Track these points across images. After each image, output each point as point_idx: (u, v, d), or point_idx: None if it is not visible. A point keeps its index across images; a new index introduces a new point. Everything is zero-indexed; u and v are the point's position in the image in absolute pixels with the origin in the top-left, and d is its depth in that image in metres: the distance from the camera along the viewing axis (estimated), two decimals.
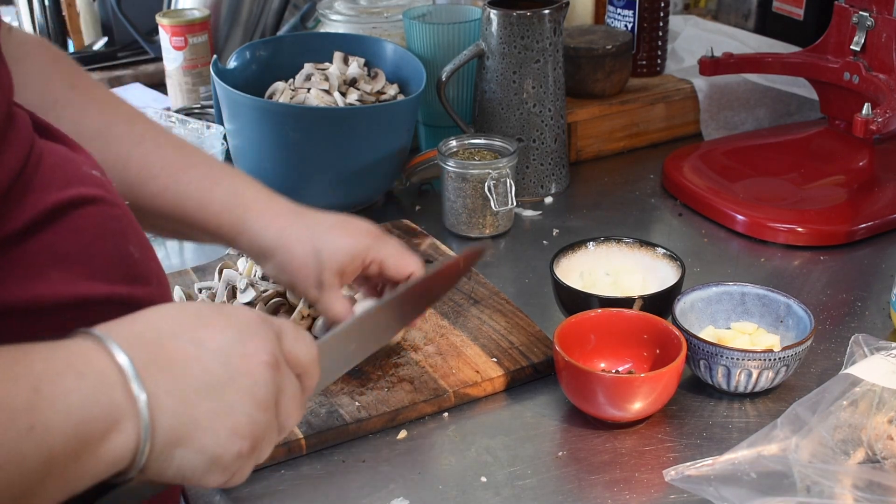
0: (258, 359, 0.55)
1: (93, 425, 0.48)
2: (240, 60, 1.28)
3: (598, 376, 0.82)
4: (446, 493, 0.77)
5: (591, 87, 1.38)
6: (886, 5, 1.19)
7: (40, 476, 0.46)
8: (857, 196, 1.21)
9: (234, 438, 0.53)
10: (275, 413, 0.56)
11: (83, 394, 0.48)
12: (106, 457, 0.49)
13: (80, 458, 0.48)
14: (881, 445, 0.74)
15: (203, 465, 0.52)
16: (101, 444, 0.48)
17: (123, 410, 0.49)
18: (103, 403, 0.48)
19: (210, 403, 0.52)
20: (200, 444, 0.52)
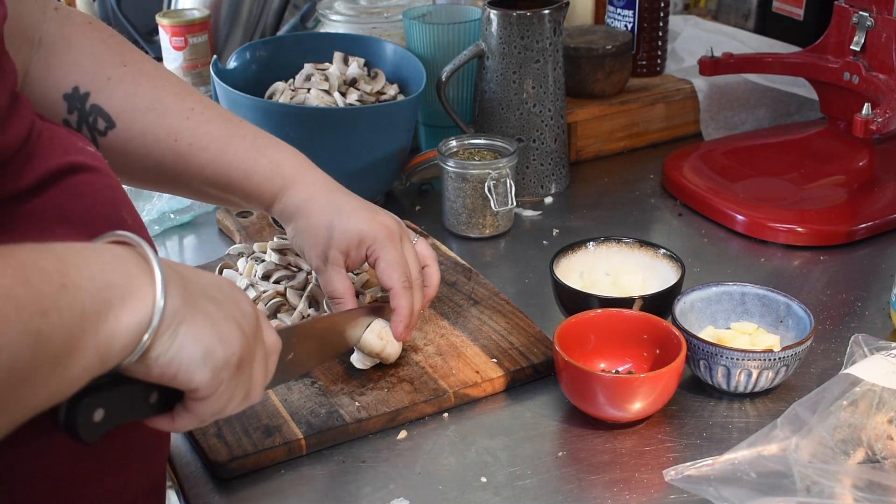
0: (245, 303, 0.63)
1: (114, 289, 0.53)
2: (240, 60, 1.28)
3: (598, 376, 0.82)
4: (446, 494, 0.77)
5: (591, 87, 1.38)
6: (886, 5, 1.19)
7: (75, 331, 0.50)
8: (857, 196, 1.21)
9: (225, 341, 0.58)
10: (251, 360, 0.62)
11: (107, 262, 0.54)
12: (126, 322, 0.53)
13: (107, 320, 0.52)
14: (881, 445, 0.74)
15: (198, 355, 0.57)
16: (123, 307, 0.53)
17: (140, 281, 0.54)
18: (121, 273, 0.54)
19: (211, 307, 0.58)
20: (198, 333, 0.57)
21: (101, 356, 0.53)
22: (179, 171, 0.85)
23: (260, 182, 0.87)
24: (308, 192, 0.88)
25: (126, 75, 0.83)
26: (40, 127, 0.65)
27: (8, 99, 0.62)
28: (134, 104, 0.82)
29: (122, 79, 0.82)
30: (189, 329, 0.56)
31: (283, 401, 0.85)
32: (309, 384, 0.88)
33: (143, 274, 0.55)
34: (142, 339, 0.54)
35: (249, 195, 0.87)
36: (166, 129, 0.83)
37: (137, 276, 0.54)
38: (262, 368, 0.64)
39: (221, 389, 0.59)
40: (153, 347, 0.55)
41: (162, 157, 0.83)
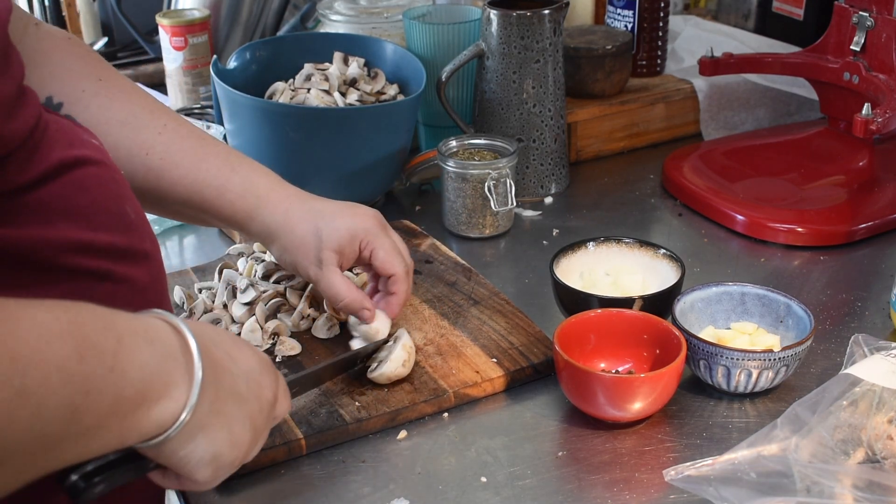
0: (268, 393, 0.66)
1: (153, 385, 0.55)
2: (240, 60, 1.28)
3: (598, 376, 0.82)
4: (446, 493, 0.77)
5: (591, 87, 1.38)
6: (886, 5, 1.19)
7: (107, 414, 0.52)
8: (857, 196, 1.21)
9: (237, 445, 0.62)
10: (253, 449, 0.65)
11: (153, 357, 0.55)
12: (154, 418, 0.55)
13: (138, 411, 0.54)
14: (881, 445, 0.74)
15: (206, 457, 0.60)
16: (155, 404, 0.55)
17: (178, 385, 0.56)
18: (165, 370, 0.56)
19: (232, 408, 0.61)
20: (214, 436, 0.60)
21: (121, 439, 0.55)
22: (151, 186, 0.84)
23: (233, 199, 0.86)
24: (283, 207, 0.88)
25: (101, 89, 0.83)
26: (47, 119, 0.66)
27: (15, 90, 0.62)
28: (108, 117, 0.82)
29: (97, 92, 0.83)
30: (206, 435, 0.59)
31: None
32: None
33: (183, 378, 0.57)
34: (163, 435, 0.56)
35: (223, 213, 0.87)
36: (139, 144, 0.83)
37: (177, 380, 0.57)
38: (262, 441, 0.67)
39: (217, 480, 0.63)
40: (169, 443, 0.57)
41: (134, 171, 0.83)
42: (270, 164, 1.17)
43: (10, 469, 0.49)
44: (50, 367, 0.49)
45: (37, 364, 0.48)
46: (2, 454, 0.47)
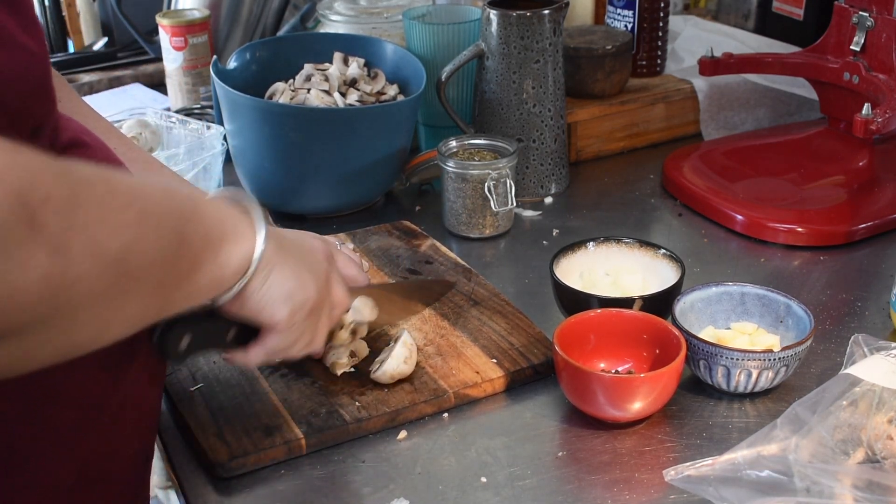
0: (321, 252, 0.80)
1: (228, 227, 0.64)
2: (240, 61, 1.28)
3: (598, 376, 0.82)
4: (446, 494, 0.77)
5: (591, 88, 1.38)
6: (886, 5, 1.19)
7: (202, 247, 0.61)
8: (857, 196, 1.21)
9: (304, 286, 0.71)
10: (320, 308, 0.74)
11: (220, 206, 0.65)
12: (237, 256, 0.64)
13: (223, 249, 0.63)
14: (881, 445, 0.74)
15: (282, 295, 0.69)
16: (234, 244, 0.64)
17: (246, 227, 0.66)
18: (232, 217, 0.65)
19: (294, 258, 0.71)
20: (284, 275, 0.69)
21: (215, 279, 0.63)
22: None
23: None
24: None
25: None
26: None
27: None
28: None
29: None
30: (278, 273, 0.68)
31: (282, 400, 0.85)
32: (309, 384, 0.88)
33: (248, 223, 0.66)
34: (246, 272, 0.65)
35: None
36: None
37: (244, 223, 0.66)
38: (327, 319, 0.76)
39: (294, 328, 0.72)
40: (250, 284, 0.66)
41: None
42: (270, 164, 1.18)
43: (141, 295, 0.55)
44: (155, 198, 0.56)
45: (147, 195, 0.55)
46: (135, 276, 0.53)
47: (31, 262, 0.46)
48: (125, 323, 0.56)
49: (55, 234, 0.47)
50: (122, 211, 0.52)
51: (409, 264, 1.09)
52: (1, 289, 0.45)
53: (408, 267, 1.08)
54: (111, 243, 0.51)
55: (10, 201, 0.45)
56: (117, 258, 0.51)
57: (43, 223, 0.46)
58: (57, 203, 0.47)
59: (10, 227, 0.45)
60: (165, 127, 1.31)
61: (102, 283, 0.51)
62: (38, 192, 0.46)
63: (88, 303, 0.50)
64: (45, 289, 0.47)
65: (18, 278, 0.45)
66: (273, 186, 1.21)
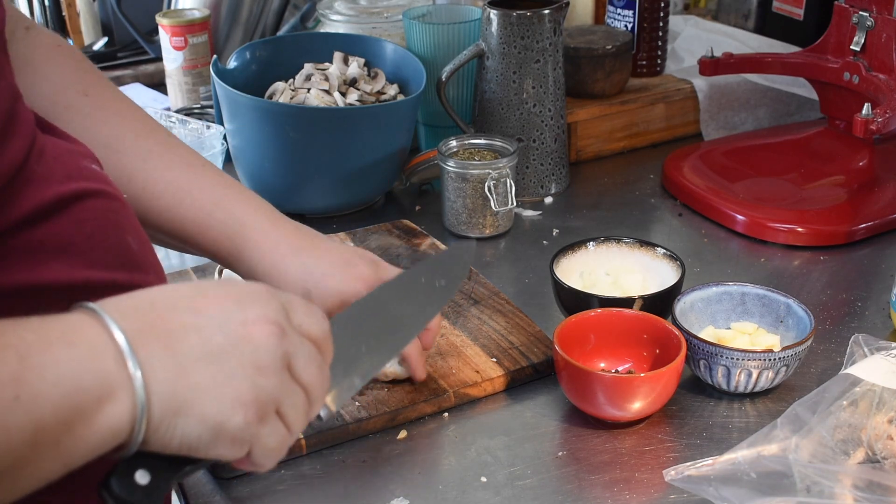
0: (260, 325, 0.54)
1: (84, 395, 0.48)
2: (240, 60, 1.28)
3: (598, 376, 0.82)
4: (446, 493, 0.77)
5: (591, 87, 1.38)
6: (886, 5, 1.19)
7: (28, 447, 0.46)
8: (857, 196, 1.21)
9: (237, 406, 0.52)
10: (287, 378, 0.55)
11: (74, 363, 0.48)
12: (102, 428, 0.48)
13: (74, 430, 0.48)
14: (881, 445, 0.74)
15: (208, 435, 0.52)
16: (96, 415, 0.48)
17: (117, 380, 0.49)
18: (95, 373, 0.48)
19: (209, 371, 0.52)
20: (201, 412, 0.51)
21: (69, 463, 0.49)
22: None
23: (215, 238, 0.80)
24: (271, 258, 0.80)
25: (85, 106, 0.78)
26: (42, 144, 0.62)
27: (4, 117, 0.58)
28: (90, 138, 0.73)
29: (80, 109, 0.78)
30: (187, 416, 0.51)
31: None
32: None
33: (122, 369, 0.49)
34: (132, 438, 0.50)
35: (207, 251, 0.81)
36: (121, 169, 0.77)
37: (114, 373, 0.49)
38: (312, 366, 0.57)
39: (260, 440, 0.54)
40: (152, 440, 0.51)
41: None
42: (270, 164, 1.18)
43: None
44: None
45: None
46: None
47: None
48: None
49: None
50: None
51: (408, 263, 1.09)
52: None
53: (408, 266, 1.08)
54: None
55: None
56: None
57: None
58: None
59: None
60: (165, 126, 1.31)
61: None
62: None
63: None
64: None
65: None
66: (273, 186, 1.21)
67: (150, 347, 0.51)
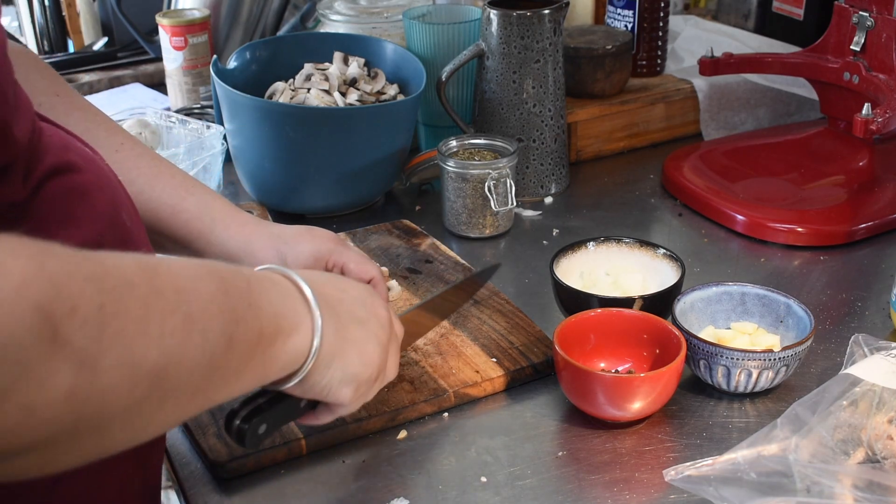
0: (382, 312, 0.72)
1: (283, 321, 0.60)
2: (240, 60, 1.28)
3: (598, 376, 0.82)
4: (446, 494, 0.77)
5: (591, 87, 1.38)
6: (886, 5, 1.19)
7: (254, 346, 0.57)
8: (857, 196, 1.21)
9: (370, 363, 0.68)
10: (385, 363, 0.71)
11: (279, 296, 0.61)
12: (287, 351, 0.61)
13: (276, 344, 0.59)
14: (881, 445, 0.74)
15: (345, 379, 0.67)
16: (288, 338, 0.60)
17: (304, 318, 0.62)
18: (291, 307, 0.61)
19: (357, 332, 0.67)
20: (347, 361, 0.66)
21: (262, 375, 0.60)
22: None
23: (188, 220, 0.85)
24: (244, 232, 0.87)
25: (58, 104, 0.82)
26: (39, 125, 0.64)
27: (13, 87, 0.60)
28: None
29: (53, 106, 0.81)
30: (339, 360, 0.66)
31: None
32: None
33: (305, 311, 0.62)
34: (302, 368, 0.63)
35: (178, 234, 0.85)
36: None
37: (301, 313, 0.62)
38: (394, 360, 0.74)
39: (362, 398, 0.70)
40: (310, 376, 0.64)
41: None
42: (270, 164, 1.18)
43: (178, 401, 0.52)
44: (205, 298, 0.53)
45: (196, 295, 0.52)
46: (173, 386, 0.50)
47: (54, 378, 0.43)
48: (159, 426, 0.53)
49: (82, 348, 0.44)
50: (166, 317, 0.49)
51: (408, 263, 1.09)
52: (19, 408, 0.42)
53: (408, 266, 1.08)
54: (148, 354, 0.47)
55: (29, 318, 0.41)
56: (154, 369, 0.48)
57: (67, 337, 0.43)
58: (86, 313, 0.44)
59: (29, 345, 0.41)
60: (165, 127, 1.31)
61: (135, 395, 0.47)
62: (63, 304, 0.43)
63: (118, 414, 0.47)
64: (69, 404, 0.44)
65: (38, 397, 0.42)
66: (273, 186, 1.21)
67: (323, 307, 0.63)
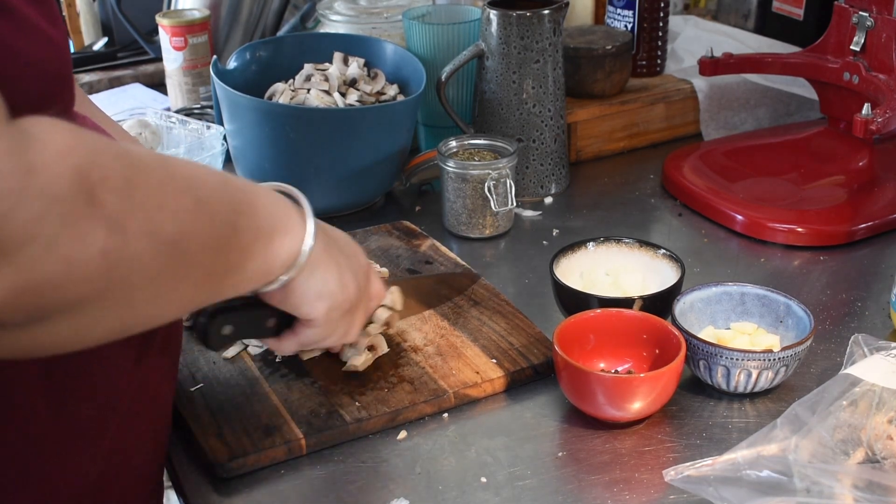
0: (362, 259, 0.79)
1: (279, 221, 0.66)
2: (240, 61, 1.28)
3: (598, 376, 0.82)
4: (446, 494, 0.77)
5: (591, 87, 1.38)
6: (886, 5, 1.19)
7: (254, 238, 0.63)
8: (857, 196, 1.21)
9: (345, 287, 0.73)
10: (357, 306, 0.76)
11: (273, 201, 0.66)
12: (280, 251, 0.66)
13: (273, 240, 0.65)
14: (881, 445, 0.74)
15: (323, 293, 0.72)
16: (284, 237, 0.66)
17: (298, 224, 0.68)
18: (285, 212, 0.67)
19: (341, 258, 0.74)
20: (326, 274, 0.71)
21: (263, 271, 0.65)
22: None
23: None
24: None
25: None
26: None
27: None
28: None
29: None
30: (323, 271, 0.71)
31: (283, 401, 0.85)
32: (309, 384, 0.88)
33: (299, 219, 0.68)
34: (293, 266, 0.67)
35: None
36: None
37: (295, 218, 0.68)
38: (362, 314, 0.79)
39: (330, 323, 0.74)
40: (296, 278, 0.69)
41: None
42: (270, 164, 1.18)
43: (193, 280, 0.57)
44: (211, 187, 0.58)
45: (203, 183, 0.58)
46: (188, 261, 0.55)
47: (90, 236, 0.47)
48: (177, 305, 0.58)
49: (113, 212, 0.49)
50: (179, 196, 0.54)
51: (409, 264, 1.09)
52: (61, 260, 0.46)
53: (408, 267, 1.08)
54: (167, 226, 0.52)
55: (69, 178, 0.46)
56: (172, 241, 0.53)
57: (101, 201, 0.48)
58: (115, 182, 0.49)
59: (71, 200, 0.46)
60: (165, 127, 1.31)
61: (157, 264, 0.52)
62: (97, 172, 0.48)
63: (143, 282, 0.52)
64: (102, 264, 0.48)
65: (78, 251, 0.47)
66: None
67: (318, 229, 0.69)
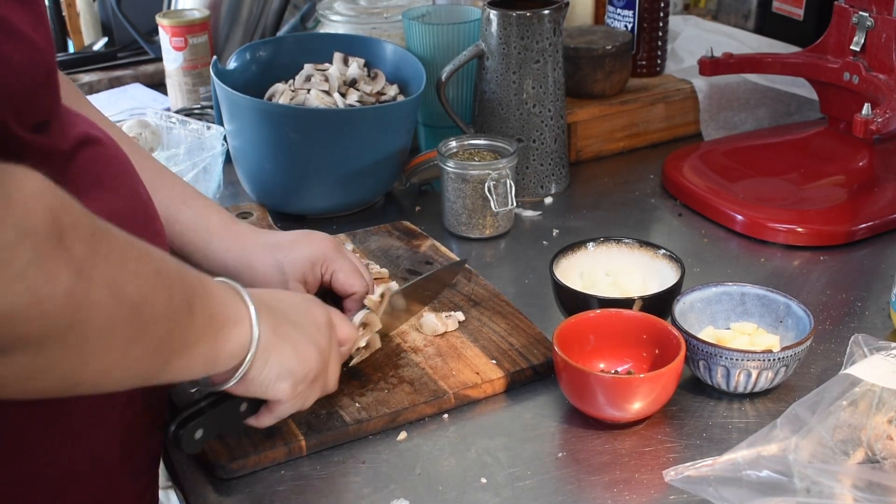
0: (320, 318, 0.77)
1: (229, 310, 0.66)
2: (240, 61, 1.28)
3: (598, 377, 0.82)
4: (446, 494, 0.77)
5: (591, 88, 1.38)
6: (886, 5, 1.19)
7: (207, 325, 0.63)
8: (857, 196, 1.21)
9: (304, 360, 0.73)
10: (325, 368, 0.76)
11: (225, 292, 0.67)
12: (235, 340, 0.66)
13: (224, 331, 0.65)
14: (881, 445, 0.74)
15: (283, 375, 0.71)
16: (234, 327, 0.66)
17: (243, 313, 0.68)
18: (234, 302, 0.67)
19: (293, 332, 0.72)
20: (282, 356, 0.71)
21: (211, 359, 0.65)
22: None
23: (184, 231, 0.88)
24: (239, 244, 0.90)
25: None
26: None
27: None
28: None
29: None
30: (277, 355, 0.71)
31: None
32: None
33: (245, 312, 0.68)
34: (244, 359, 0.68)
35: (174, 245, 0.87)
36: None
37: (242, 309, 0.68)
38: (335, 365, 0.79)
39: (299, 396, 0.74)
40: (250, 371, 0.69)
41: None
42: (270, 164, 1.18)
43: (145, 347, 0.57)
44: (170, 265, 0.60)
45: (163, 259, 0.59)
46: (144, 326, 0.56)
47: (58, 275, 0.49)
48: (123, 369, 0.57)
49: (80, 258, 0.50)
50: (141, 261, 0.56)
51: (408, 264, 1.09)
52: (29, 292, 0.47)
53: (407, 267, 1.08)
54: (128, 286, 0.54)
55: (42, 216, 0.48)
56: (132, 302, 0.54)
57: (70, 245, 0.49)
58: (84, 232, 0.51)
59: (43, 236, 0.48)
60: (165, 127, 1.31)
61: (115, 319, 0.53)
62: (68, 217, 0.50)
63: (98, 333, 0.53)
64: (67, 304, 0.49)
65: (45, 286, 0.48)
66: (273, 187, 1.21)
67: (259, 307, 0.69)
